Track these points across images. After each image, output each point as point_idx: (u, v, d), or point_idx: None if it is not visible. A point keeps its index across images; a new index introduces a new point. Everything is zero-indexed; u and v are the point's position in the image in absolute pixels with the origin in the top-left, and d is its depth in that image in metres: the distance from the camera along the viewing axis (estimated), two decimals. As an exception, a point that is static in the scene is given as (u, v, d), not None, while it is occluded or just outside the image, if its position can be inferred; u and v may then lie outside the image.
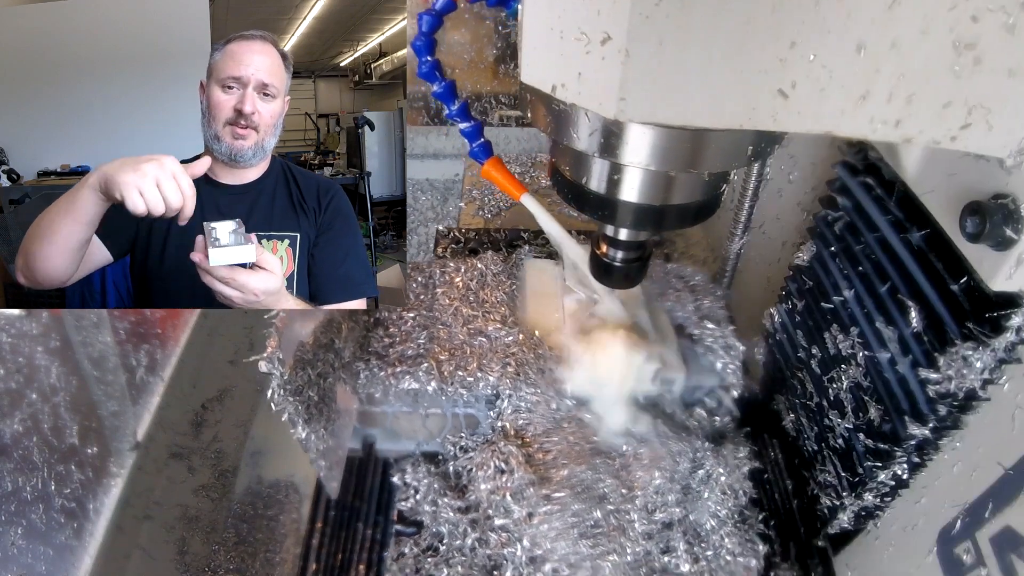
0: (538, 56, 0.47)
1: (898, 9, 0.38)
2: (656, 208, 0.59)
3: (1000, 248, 0.53)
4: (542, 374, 0.97)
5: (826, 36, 0.39)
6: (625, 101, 0.43)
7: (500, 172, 0.79)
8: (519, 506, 0.89)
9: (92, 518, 0.99)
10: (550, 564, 0.86)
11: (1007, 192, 0.52)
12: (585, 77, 0.44)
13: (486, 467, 0.93)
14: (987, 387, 0.66)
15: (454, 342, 1.02)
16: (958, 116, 0.42)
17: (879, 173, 0.77)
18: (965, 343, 0.63)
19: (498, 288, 1.12)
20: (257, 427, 1.27)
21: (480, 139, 0.76)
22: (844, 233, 0.83)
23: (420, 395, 0.97)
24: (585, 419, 0.97)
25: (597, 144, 0.51)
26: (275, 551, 1.09)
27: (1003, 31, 0.38)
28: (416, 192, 1.96)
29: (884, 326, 0.74)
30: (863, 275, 0.78)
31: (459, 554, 0.90)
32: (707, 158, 0.51)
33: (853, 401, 0.82)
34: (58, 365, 0.95)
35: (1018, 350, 0.63)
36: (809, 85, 0.41)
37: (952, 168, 0.59)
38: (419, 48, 0.67)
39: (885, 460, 0.76)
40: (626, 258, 0.73)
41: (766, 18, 0.39)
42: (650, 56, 0.41)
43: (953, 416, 0.69)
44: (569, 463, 0.92)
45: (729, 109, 0.43)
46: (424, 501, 0.94)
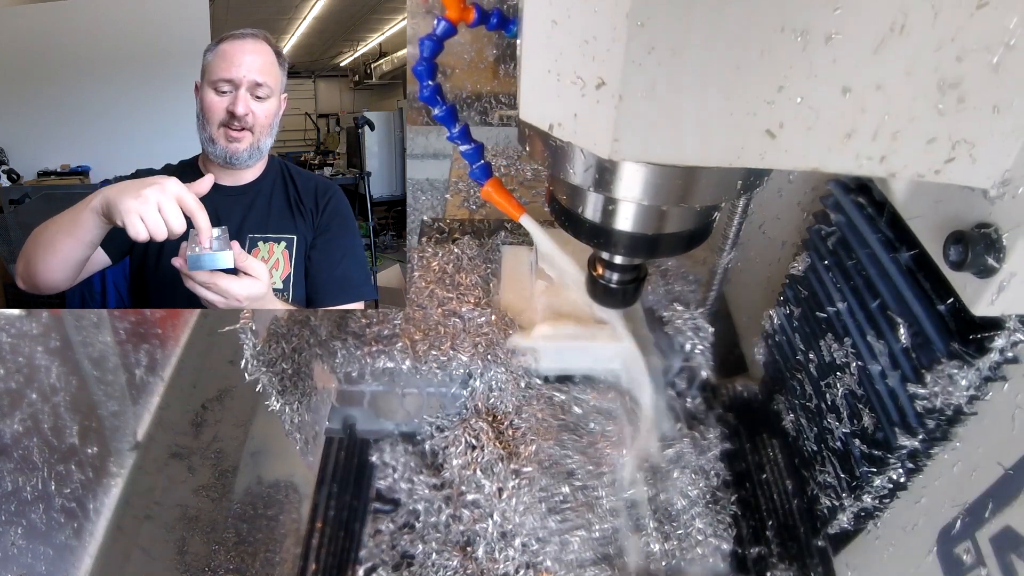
0: (536, 96, 0.49)
1: (883, 52, 0.39)
2: (649, 237, 0.61)
3: (982, 276, 0.54)
4: (512, 353, 1.01)
5: (813, 79, 0.40)
6: (619, 142, 0.44)
7: (500, 193, 0.80)
8: (489, 481, 0.93)
9: (92, 518, 0.99)
10: (520, 539, 0.90)
11: (990, 222, 0.53)
12: (581, 118, 0.46)
13: (458, 443, 0.97)
14: (974, 402, 0.67)
15: (429, 323, 1.05)
16: (942, 151, 0.43)
17: (870, 193, 0.78)
18: (951, 361, 0.65)
19: (473, 272, 1.15)
20: (257, 427, 1.27)
21: (480, 160, 0.76)
22: (837, 247, 0.84)
23: (396, 374, 1.00)
24: (554, 398, 1.00)
25: (592, 179, 0.53)
26: (275, 551, 1.10)
27: (987, 70, 0.39)
28: (416, 192, 1.96)
29: (875, 339, 0.75)
30: (855, 289, 0.80)
31: (434, 530, 0.93)
32: (698, 193, 0.52)
33: (848, 408, 0.83)
34: (58, 365, 0.95)
35: (1003, 368, 0.64)
36: (796, 125, 0.43)
37: (938, 196, 0.60)
38: (420, 73, 0.68)
39: (880, 466, 0.77)
40: (622, 279, 0.74)
41: (754, 63, 0.40)
42: (643, 100, 0.42)
43: (942, 429, 0.70)
44: (537, 439, 0.96)
45: (719, 148, 0.44)
46: (401, 479, 0.97)
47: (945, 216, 0.59)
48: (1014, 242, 0.50)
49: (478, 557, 0.89)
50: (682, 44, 0.40)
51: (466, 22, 0.63)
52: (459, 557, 0.90)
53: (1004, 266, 0.52)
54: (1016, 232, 0.50)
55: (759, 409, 1.09)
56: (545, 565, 0.89)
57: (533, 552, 0.89)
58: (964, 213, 0.56)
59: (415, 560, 0.90)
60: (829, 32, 0.39)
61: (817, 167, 0.44)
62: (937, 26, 0.38)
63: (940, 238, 0.58)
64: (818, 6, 0.38)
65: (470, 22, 0.63)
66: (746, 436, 1.06)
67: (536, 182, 1.52)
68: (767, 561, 0.92)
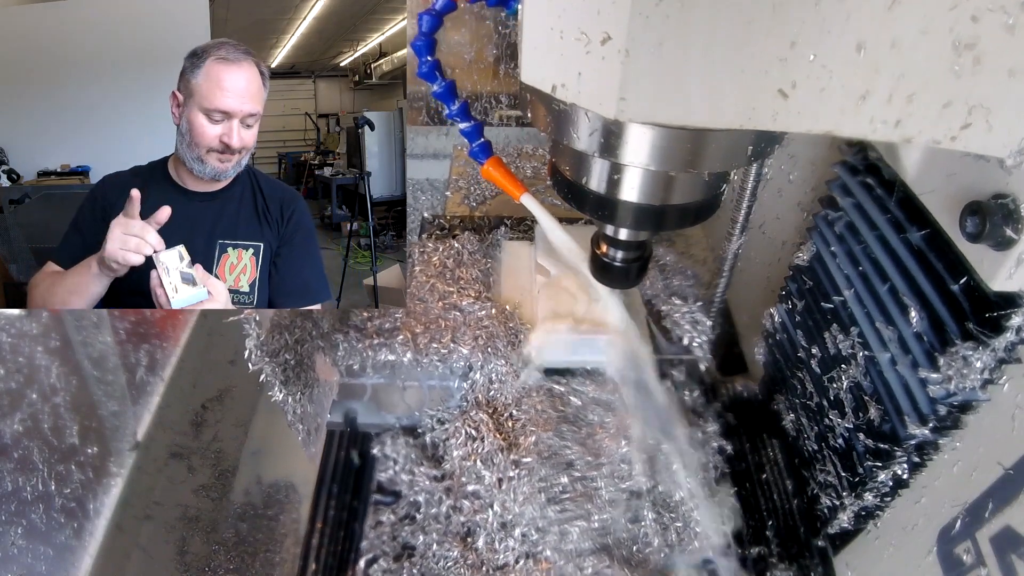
0: (538, 56, 0.47)
1: (898, 9, 0.38)
2: (656, 208, 0.59)
3: (1000, 248, 0.53)
4: (512, 346, 1.02)
5: (826, 36, 0.39)
6: (625, 101, 0.43)
7: (500, 172, 0.79)
8: (489, 472, 0.94)
9: (92, 518, 0.99)
10: (520, 529, 0.91)
11: (1007, 192, 0.52)
12: (585, 77, 0.44)
13: (458, 435, 0.98)
14: (987, 387, 0.66)
15: (429, 316, 1.06)
16: (958, 116, 0.42)
17: (879, 173, 0.77)
18: (965, 343, 0.63)
19: (473, 266, 1.16)
20: (257, 427, 1.27)
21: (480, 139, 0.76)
22: (844, 233, 0.82)
23: (397, 367, 1.01)
24: (553, 389, 1.02)
25: (597, 144, 0.51)
26: (275, 551, 1.10)
27: (1003, 31, 0.38)
28: (416, 192, 1.96)
29: (884, 326, 0.74)
30: (863, 275, 0.78)
31: (435, 521, 0.94)
32: (707, 158, 0.50)
33: (853, 401, 0.82)
34: (58, 365, 0.95)
35: (1018, 350, 0.63)
36: (809, 85, 0.41)
37: (952, 168, 0.59)
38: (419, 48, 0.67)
39: (885, 460, 0.76)
40: (626, 258, 0.73)
41: (766, 18, 0.39)
42: (650, 56, 0.41)
43: (953, 416, 0.69)
44: (536, 430, 0.97)
45: (729, 109, 0.43)
46: (402, 471, 0.98)
47: (960, 188, 0.57)
48: (1034, 212, 0.49)
49: (478, 547, 0.90)
50: (691, -6, 0.38)
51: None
52: (459, 548, 0.91)
53: (1023, 237, 0.51)
54: (1035, 201, 0.49)
55: (759, 409, 1.08)
56: (545, 555, 0.89)
57: (533, 542, 0.90)
58: (980, 184, 0.54)
59: (416, 551, 0.91)
60: (844, -16, 0.38)
61: (831, 130, 0.43)
62: (953, -18, 0.37)
63: (955, 212, 0.57)
64: (833, -42, 0.37)
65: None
66: (746, 436, 1.06)
67: (537, 179, 1.52)
68: (767, 561, 0.92)
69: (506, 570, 0.89)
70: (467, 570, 0.89)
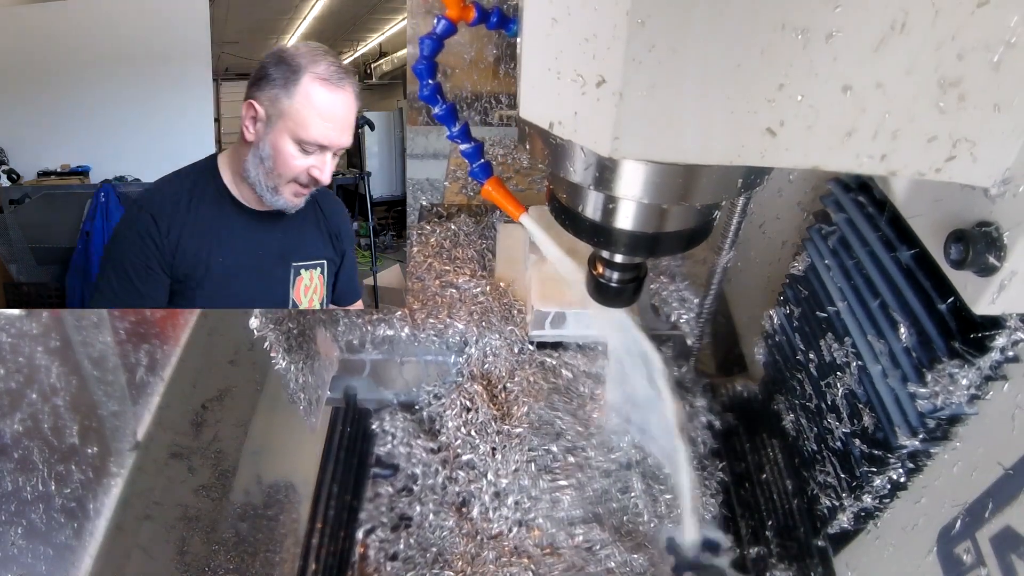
0: (535, 94, 0.49)
1: (884, 50, 0.39)
2: (650, 235, 0.61)
3: (983, 275, 0.54)
4: (505, 321, 1.06)
5: (813, 78, 0.41)
6: (619, 140, 0.44)
7: (500, 192, 0.80)
8: (483, 441, 0.98)
9: (92, 518, 0.99)
10: (512, 497, 0.94)
11: (991, 220, 0.53)
12: (581, 116, 0.46)
13: (454, 406, 1.02)
14: (975, 402, 0.67)
15: (427, 293, 1.10)
16: (943, 149, 0.43)
17: (871, 192, 0.78)
18: (952, 360, 0.65)
19: (469, 247, 1.20)
20: (257, 427, 1.27)
21: (480, 159, 0.76)
22: (837, 247, 0.84)
23: (395, 342, 1.05)
24: (545, 362, 1.05)
25: (592, 177, 0.53)
26: (275, 551, 1.10)
27: (988, 68, 0.39)
28: (416, 192, 1.97)
29: (875, 339, 0.75)
30: (855, 288, 0.80)
31: (431, 492, 0.97)
32: (698, 191, 0.52)
33: (848, 407, 0.83)
34: (58, 365, 0.95)
35: (1003, 367, 0.64)
36: (796, 124, 0.43)
37: (938, 194, 0.60)
38: (420, 72, 0.68)
39: (880, 466, 0.77)
40: (622, 279, 0.75)
41: (755, 62, 0.40)
42: (643, 98, 0.42)
43: (943, 428, 0.70)
44: (529, 400, 1.01)
45: (719, 147, 0.44)
46: (400, 444, 1.02)
47: (946, 214, 0.59)
48: (1015, 241, 0.50)
49: (473, 517, 0.94)
50: (682, 42, 0.40)
51: (466, 21, 0.63)
52: (455, 517, 0.94)
53: (1005, 265, 0.52)
54: (1017, 231, 0.50)
55: (759, 409, 1.09)
56: (537, 523, 0.93)
57: (525, 510, 0.93)
58: (965, 212, 0.56)
59: (413, 521, 0.94)
60: (830, 30, 0.39)
61: (817, 165, 0.44)
62: (938, 24, 0.38)
63: (941, 237, 0.58)
64: (819, 4, 0.38)
65: (470, 21, 0.63)
66: (746, 436, 1.06)
67: (533, 170, 1.55)
68: (767, 561, 0.92)
69: (500, 539, 0.92)
70: (462, 539, 0.92)
